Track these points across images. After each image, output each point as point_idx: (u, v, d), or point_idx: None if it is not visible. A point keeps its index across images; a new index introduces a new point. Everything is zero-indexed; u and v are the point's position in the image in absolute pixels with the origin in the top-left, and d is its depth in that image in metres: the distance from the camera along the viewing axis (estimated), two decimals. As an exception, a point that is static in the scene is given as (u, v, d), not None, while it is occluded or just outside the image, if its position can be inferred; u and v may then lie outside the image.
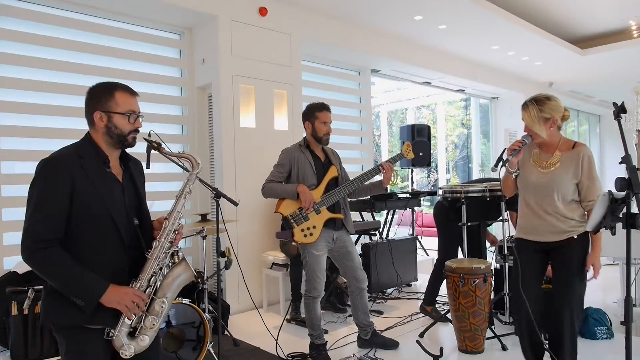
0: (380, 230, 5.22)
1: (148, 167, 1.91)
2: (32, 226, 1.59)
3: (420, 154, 5.96)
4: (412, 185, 6.58)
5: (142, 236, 1.78)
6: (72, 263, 1.60)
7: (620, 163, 1.97)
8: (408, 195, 5.37)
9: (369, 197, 4.77)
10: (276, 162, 3.31)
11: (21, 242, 1.59)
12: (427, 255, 6.53)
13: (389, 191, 5.00)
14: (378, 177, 3.32)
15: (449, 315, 3.53)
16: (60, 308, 1.63)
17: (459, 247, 3.95)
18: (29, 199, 1.63)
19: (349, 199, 3.42)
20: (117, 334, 1.65)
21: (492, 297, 3.51)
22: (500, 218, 3.67)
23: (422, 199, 5.71)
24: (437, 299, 4.12)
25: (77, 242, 1.64)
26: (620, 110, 2.04)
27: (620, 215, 1.99)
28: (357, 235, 4.92)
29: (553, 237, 2.55)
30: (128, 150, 1.83)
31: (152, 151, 1.82)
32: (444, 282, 3.48)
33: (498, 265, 3.91)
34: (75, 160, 1.66)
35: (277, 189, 3.19)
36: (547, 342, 3.13)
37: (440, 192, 3.77)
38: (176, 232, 1.79)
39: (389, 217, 5.71)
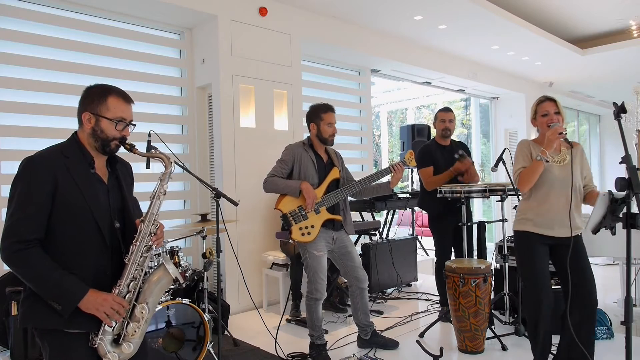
0: (380, 230, 5.22)
1: (148, 167, 1.90)
2: (13, 226, 1.55)
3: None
4: (412, 185, 6.58)
5: (123, 240, 1.73)
6: (51, 265, 1.57)
7: (621, 163, 1.97)
8: (408, 195, 5.38)
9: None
10: (279, 158, 3.31)
11: (0, 242, 1.56)
12: (427, 255, 6.52)
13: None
14: (385, 178, 3.33)
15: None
16: (38, 311, 1.60)
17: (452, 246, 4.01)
18: (10, 198, 1.59)
19: (353, 199, 3.42)
20: (98, 341, 1.62)
21: (492, 297, 3.51)
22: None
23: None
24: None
25: (59, 242, 1.61)
26: (620, 110, 2.04)
27: (620, 215, 1.99)
28: (357, 235, 4.92)
29: (565, 232, 2.59)
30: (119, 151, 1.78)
31: (127, 152, 1.76)
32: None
33: (498, 265, 3.91)
34: (59, 159, 1.63)
35: (280, 184, 3.19)
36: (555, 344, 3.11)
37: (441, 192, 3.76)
38: (153, 235, 1.73)
39: (389, 217, 5.72)
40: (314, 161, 3.26)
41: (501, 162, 3.40)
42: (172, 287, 3.16)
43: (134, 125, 1.78)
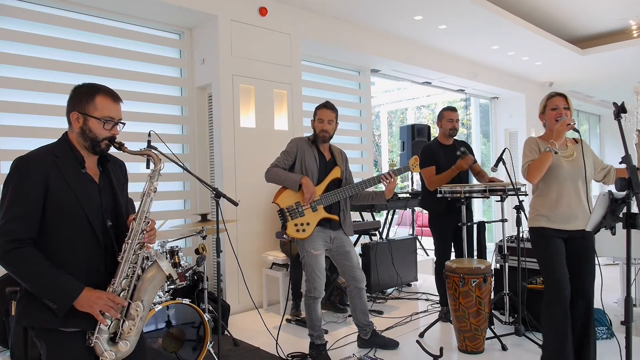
0: (380, 230, 5.21)
1: (148, 166, 1.90)
2: (6, 225, 1.55)
3: (421, 154, 5.95)
4: (412, 185, 6.57)
5: (116, 238, 1.73)
6: (45, 264, 1.57)
7: (621, 163, 1.98)
8: (408, 195, 5.37)
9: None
10: (283, 150, 3.32)
11: None
12: (427, 255, 6.52)
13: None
14: (381, 186, 3.33)
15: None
16: (34, 310, 1.60)
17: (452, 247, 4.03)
18: (2, 198, 1.59)
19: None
20: (94, 340, 1.62)
21: (492, 297, 3.51)
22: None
23: (422, 198, 5.70)
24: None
25: (52, 241, 1.61)
26: (620, 110, 2.04)
27: (620, 215, 1.99)
28: (357, 235, 4.93)
29: (580, 224, 2.65)
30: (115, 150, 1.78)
31: (116, 150, 1.76)
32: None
33: (498, 265, 3.91)
34: (50, 159, 1.63)
35: (282, 175, 3.20)
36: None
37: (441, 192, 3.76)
38: (145, 232, 1.72)
39: (389, 217, 5.71)
40: (316, 157, 3.27)
41: (501, 162, 3.40)
42: (172, 286, 3.16)
43: (124, 124, 1.77)
